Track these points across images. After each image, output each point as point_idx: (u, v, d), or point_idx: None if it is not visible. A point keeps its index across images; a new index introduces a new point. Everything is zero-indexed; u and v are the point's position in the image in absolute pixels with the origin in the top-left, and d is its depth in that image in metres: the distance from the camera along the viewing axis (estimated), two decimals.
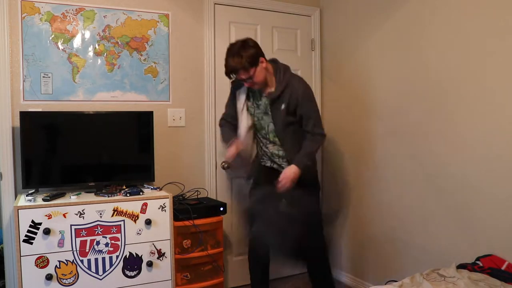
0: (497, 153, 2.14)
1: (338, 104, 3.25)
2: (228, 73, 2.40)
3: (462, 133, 2.31)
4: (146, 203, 2.39)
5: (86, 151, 2.53)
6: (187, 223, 2.55)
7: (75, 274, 2.24)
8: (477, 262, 2.14)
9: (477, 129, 2.23)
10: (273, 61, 2.55)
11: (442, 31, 2.41)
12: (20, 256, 2.13)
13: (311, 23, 3.40)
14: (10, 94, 2.47)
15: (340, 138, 3.23)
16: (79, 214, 2.24)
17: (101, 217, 2.29)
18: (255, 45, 2.41)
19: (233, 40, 3.08)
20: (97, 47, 2.68)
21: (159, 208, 2.42)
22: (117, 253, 2.33)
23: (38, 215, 2.16)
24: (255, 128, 2.64)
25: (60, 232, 2.21)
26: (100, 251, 2.29)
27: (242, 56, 2.32)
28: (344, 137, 3.19)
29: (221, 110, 3.06)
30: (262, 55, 2.42)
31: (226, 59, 2.38)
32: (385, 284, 2.35)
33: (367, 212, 2.99)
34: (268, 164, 2.67)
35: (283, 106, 2.44)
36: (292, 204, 2.42)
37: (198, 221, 2.59)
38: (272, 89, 2.48)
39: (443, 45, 2.40)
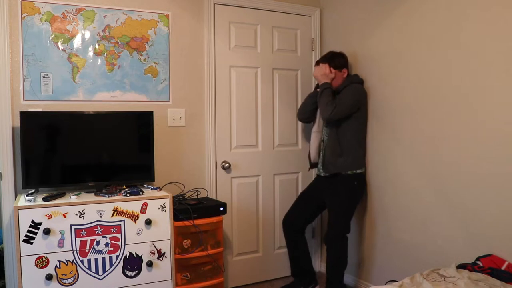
0: (497, 153, 2.14)
1: None
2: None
3: (463, 133, 2.31)
4: (146, 203, 2.39)
5: (86, 151, 2.53)
6: (187, 223, 2.55)
7: (75, 274, 2.24)
8: (477, 262, 2.14)
9: (478, 129, 2.23)
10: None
11: (442, 30, 2.41)
12: (20, 256, 2.13)
13: (311, 23, 3.40)
14: (10, 94, 2.47)
15: None
16: (79, 214, 2.24)
17: (101, 217, 2.29)
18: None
19: (233, 40, 3.10)
20: (97, 47, 2.68)
21: (159, 208, 2.42)
22: (117, 253, 2.33)
23: (38, 215, 2.16)
24: None
25: (60, 232, 2.21)
26: (100, 251, 2.29)
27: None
28: None
29: (221, 110, 3.08)
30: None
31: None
32: (385, 284, 2.35)
33: (367, 212, 2.99)
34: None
35: None
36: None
37: (198, 221, 2.59)
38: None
39: (443, 45, 2.40)
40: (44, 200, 2.23)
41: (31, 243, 2.15)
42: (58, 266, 2.20)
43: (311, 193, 3.02)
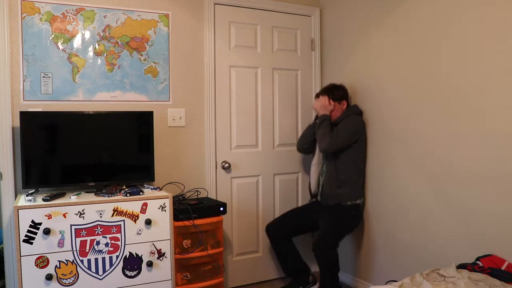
0: (497, 153, 2.14)
1: None
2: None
3: (463, 133, 2.31)
4: (146, 203, 2.39)
5: (86, 151, 2.53)
6: (187, 223, 2.55)
7: (75, 274, 2.24)
8: (477, 262, 2.14)
9: (478, 129, 2.23)
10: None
11: (443, 30, 2.41)
12: (20, 256, 2.13)
13: (311, 23, 3.40)
14: (10, 94, 2.47)
15: None
16: (79, 214, 2.24)
17: (101, 217, 2.29)
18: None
19: (233, 40, 3.10)
20: (97, 47, 2.68)
21: (159, 208, 2.42)
22: (117, 253, 2.33)
23: (38, 215, 2.16)
24: None
25: (60, 232, 2.21)
26: (100, 251, 2.29)
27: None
28: None
29: (221, 110, 3.08)
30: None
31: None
32: (385, 284, 2.35)
33: (367, 212, 2.99)
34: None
35: None
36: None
37: (198, 221, 2.59)
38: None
39: (444, 45, 2.40)
40: (44, 200, 2.23)
41: (31, 243, 2.15)
42: (58, 266, 2.21)
43: (304, 210, 3.05)
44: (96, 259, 2.28)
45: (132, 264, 2.37)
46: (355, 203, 2.84)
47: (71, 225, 2.22)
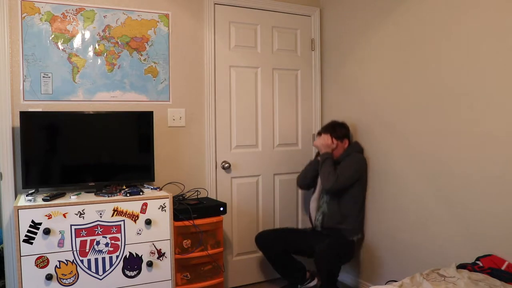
0: (497, 153, 2.14)
1: (338, 104, 3.25)
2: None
3: (463, 133, 2.31)
4: (146, 203, 2.39)
5: (86, 151, 2.53)
6: (187, 223, 2.55)
7: (75, 274, 2.24)
8: (477, 262, 2.14)
9: (478, 129, 2.23)
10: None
11: (443, 30, 2.41)
12: (20, 256, 2.13)
13: (311, 23, 3.40)
14: (10, 94, 2.47)
15: None
16: (79, 214, 2.24)
17: (101, 217, 2.29)
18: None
19: (233, 40, 3.10)
20: (97, 47, 2.68)
21: (159, 208, 2.42)
22: (117, 253, 2.33)
23: (38, 215, 2.16)
24: None
25: (60, 232, 2.21)
26: (100, 251, 2.29)
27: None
28: None
29: (221, 110, 3.08)
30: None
31: None
32: (385, 284, 2.35)
33: (366, 212, 2.99)
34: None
35: None
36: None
37: (198, 221, 2.59)
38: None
39: (444, 45, 2.40)
40: (44, 200, 2.23)
41: (31, 243, 2.15)
42: (58, 266, 2.20)
43: (300, 231, 3.05)
44: (96, 259, 2.28)
45: (132, 264, 2.37)
46: (353, 239, 2.84)
47: (71, 225, 2.22)
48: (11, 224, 2.47)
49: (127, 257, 2.35)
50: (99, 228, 2.28)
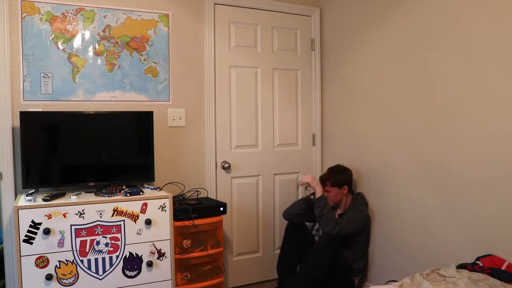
0: (497, 153, 2.14)
1: (338, 104, 3.25)
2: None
3: (463, 133, 2.31)
4: (146, 203, 2.39)
5: (86, 151, 2.53)
6: (187, 223, 2.55)
7: (75, 274, 2.24)
8: (477, 262, 2.14)
9: (478, 129, 2.23)
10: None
11: (443, 30, 2.40)
12: (20, 256, 2.13)
13: (311, 23, 3.40)
14: (10, 94, 2.47)
15: (339, 138, 3.24)
16: (79, 214, 2.24)
17: (101, 217, 2.29)
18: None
19: (233, 40, 3.10)
20: (97, 47, 2.68)
21: (159, 208, 2.42)
22: (117, 253, 2.33)
23: (38, 215, 2.16)
24: None
25: (60, 232, 2.21)
26: (100, 251, 2.29)
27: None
28: (343, 137, 3.19)
29: (221, 110, 3.08)
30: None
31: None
32: (385, 284, 2.35)
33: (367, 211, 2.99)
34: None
35: None
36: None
37: (198, 221, 2.59)
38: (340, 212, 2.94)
39: (444, 45, 2.40)
40: (44, 200, 2.23)
41: (31, 243, 2.15)
42: (58, 266, 2.20)
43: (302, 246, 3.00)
44: (96, 259, 2.28)
45: (132, 264, 2.37)
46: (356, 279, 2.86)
47: (71, 225, 2.22)
48: (11, 224, 2.48)
49: (127, 257, 2.35)
50: (99, 228, 2.28)
